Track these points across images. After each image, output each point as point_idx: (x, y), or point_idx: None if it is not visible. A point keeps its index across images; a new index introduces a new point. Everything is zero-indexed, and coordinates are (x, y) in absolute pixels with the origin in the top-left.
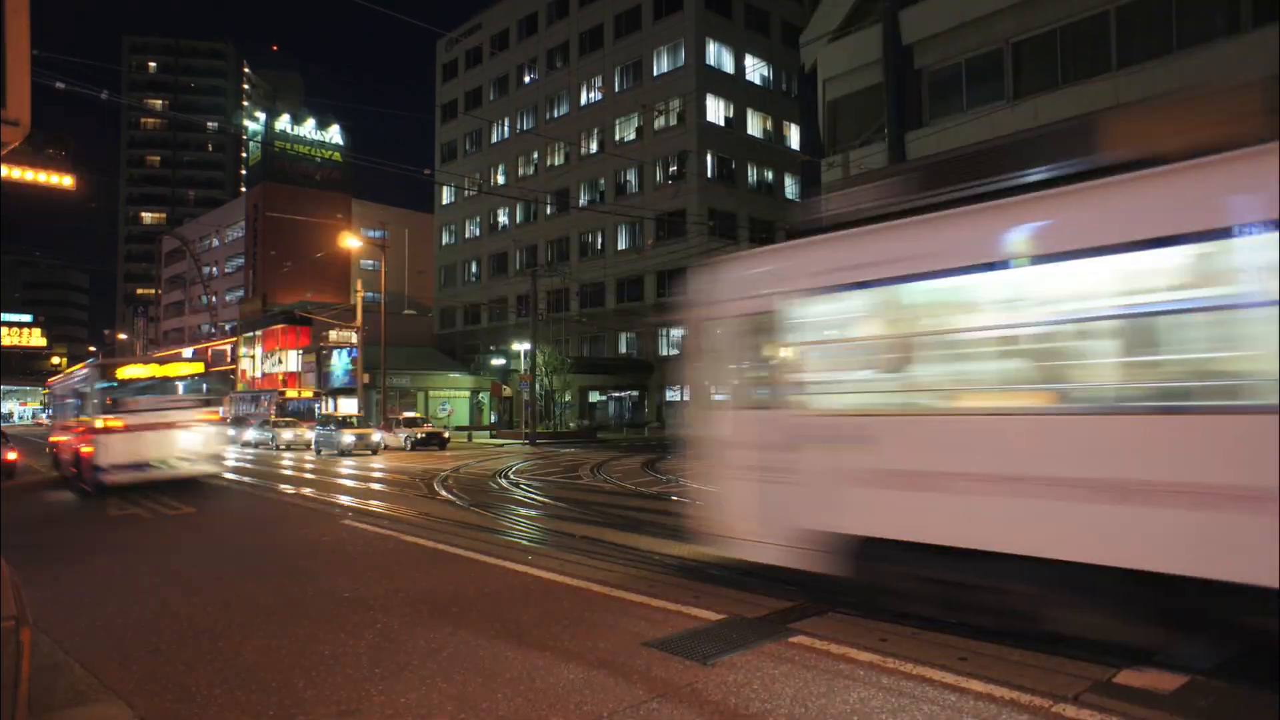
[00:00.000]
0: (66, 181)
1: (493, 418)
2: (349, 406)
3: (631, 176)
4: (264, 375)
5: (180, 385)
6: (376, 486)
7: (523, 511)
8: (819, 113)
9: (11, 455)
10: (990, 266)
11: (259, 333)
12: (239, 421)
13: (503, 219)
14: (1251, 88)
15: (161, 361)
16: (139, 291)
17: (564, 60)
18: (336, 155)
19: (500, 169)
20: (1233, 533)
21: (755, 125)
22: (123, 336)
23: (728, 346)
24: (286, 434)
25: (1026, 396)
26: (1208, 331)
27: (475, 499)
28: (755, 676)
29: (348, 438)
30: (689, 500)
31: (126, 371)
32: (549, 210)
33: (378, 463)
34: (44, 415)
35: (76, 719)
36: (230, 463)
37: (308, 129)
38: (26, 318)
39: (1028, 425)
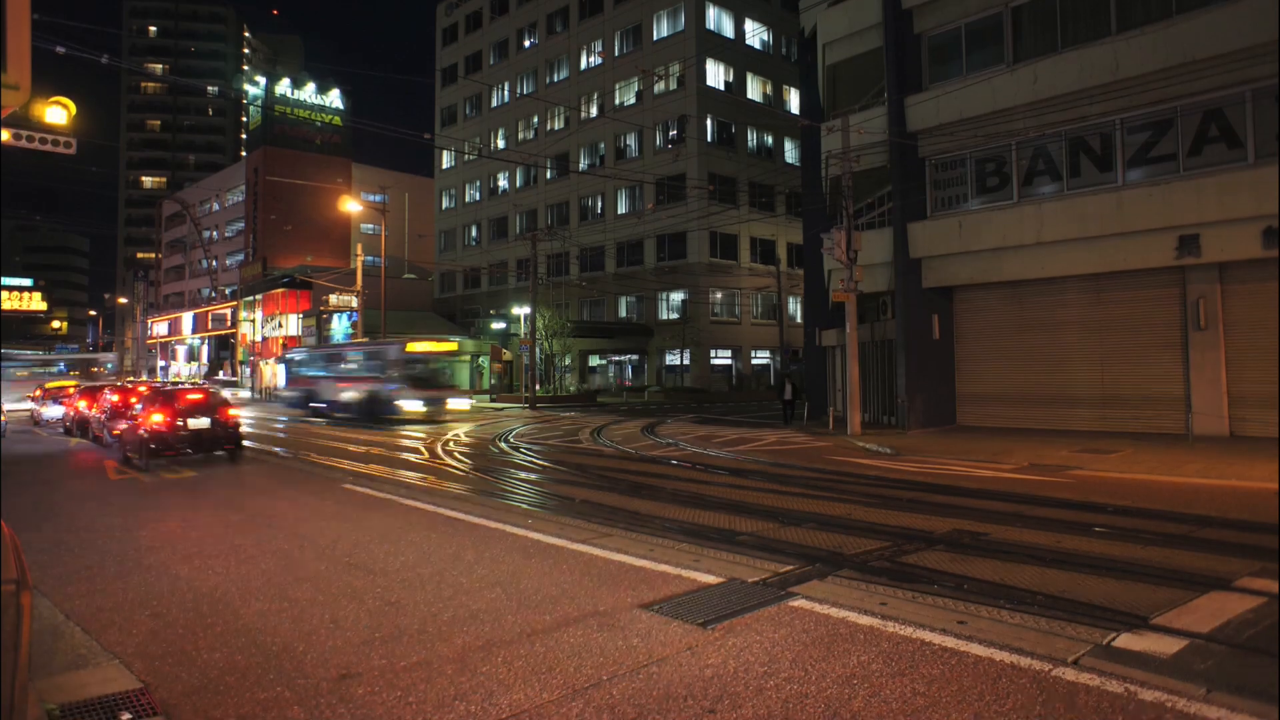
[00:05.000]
0: (67, 146)
1: (492, 381)
2: None
3: (631, 141)
4: (264, 339)
5: None
6: (376, 450)
7: (523, 475)
8: (819, 77)
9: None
10: None
11: (259, 297)
12: None
13: (503, 183)
14: None
15: None
16: (139, 255)
17: (564, 24)
18: (336, 119)
19: (500, 133)
20: None
21: (755, 89)
22: (123, 300)
23: None
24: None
25: None
26: None
27: (475, 463)
28: (755, 640)
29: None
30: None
31: None
32: (549, 174)
33: (376, 427)
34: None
35: (77, 682)
36: None
37: (308, 93)
38: (27, 282)
39: None
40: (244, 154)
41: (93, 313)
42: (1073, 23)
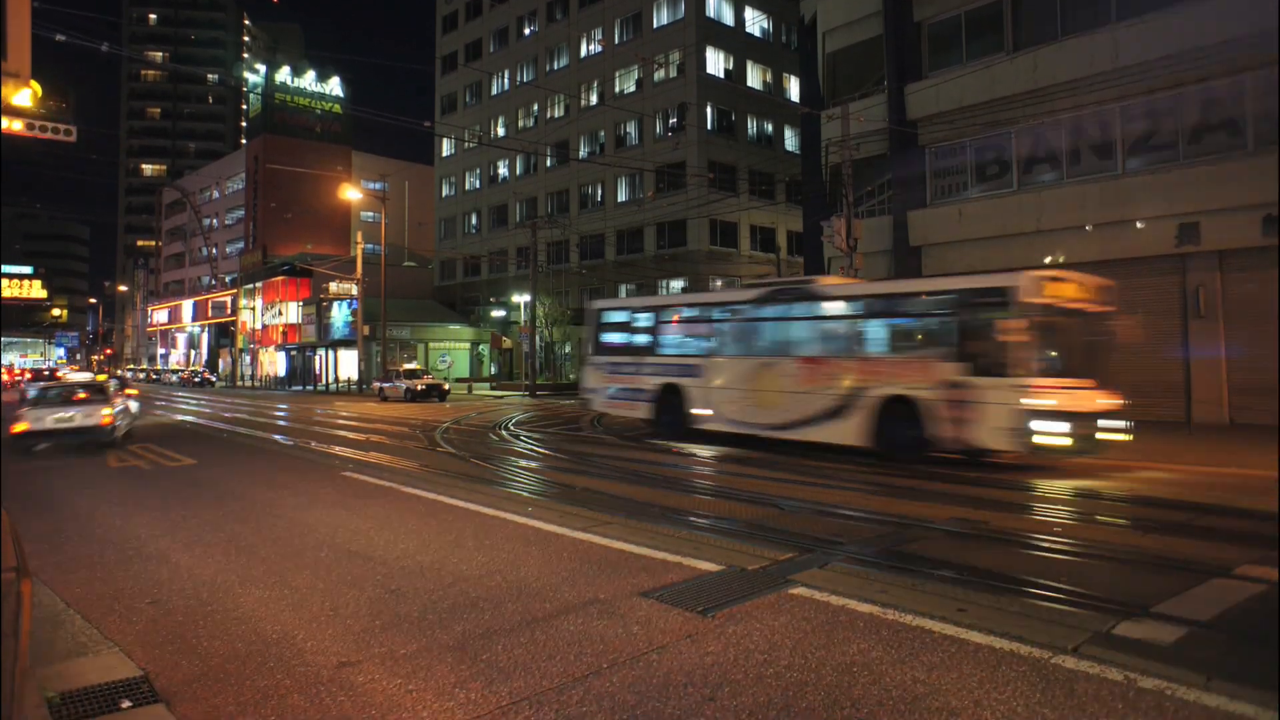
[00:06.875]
0: (68, 134)
1: (493, 369)
2: (349, 358)
3: (631, 129)
4: (264, 327)
5: None
6: (376, 438)
7: (522, 463)
8: (819, 65)
9: None
10: None
11: (259, 285)
12: None
13: (503, 171)
14: None
15: None
16: (139, 243)
17: (564, 12)
18: (337, 107)
19: (500, 121)
20: None
21: (755, 77)
22: (123, 288)
23: None
24: None
25: None
26: None
27: (475, 450)
28: (755, 628)
29: None
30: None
31: None
32: (549, 162)
33: (378, 414)
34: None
35: (77, 671)
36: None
37: (308, 81)
38: (27, 270)
39: None
40: (244, 142)
41: (93, 300)
42: (1073, 10)
